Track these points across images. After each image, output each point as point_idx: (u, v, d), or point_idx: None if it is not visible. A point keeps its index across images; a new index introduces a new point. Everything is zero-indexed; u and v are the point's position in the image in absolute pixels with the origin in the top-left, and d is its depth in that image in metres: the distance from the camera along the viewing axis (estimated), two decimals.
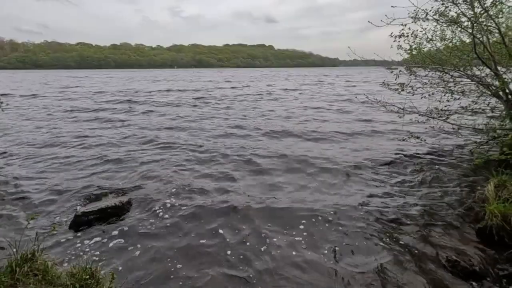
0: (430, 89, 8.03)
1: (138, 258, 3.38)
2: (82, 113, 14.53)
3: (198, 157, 7.15)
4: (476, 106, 7.87)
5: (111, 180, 5.70)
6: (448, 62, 7.46)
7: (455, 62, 7.49)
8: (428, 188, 5.35)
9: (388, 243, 3.71)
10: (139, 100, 19.28)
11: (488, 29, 6.84)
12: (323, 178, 5.86)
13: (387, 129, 10.43)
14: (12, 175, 5.94)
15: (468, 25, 6.79)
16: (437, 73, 7.85)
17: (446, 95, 7.94)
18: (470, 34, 6.82)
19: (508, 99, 6.92)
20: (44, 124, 11.62)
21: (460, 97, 7.92)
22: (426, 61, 7.85)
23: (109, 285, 2.44)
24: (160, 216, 4.35)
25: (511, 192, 4.38)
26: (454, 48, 7.78)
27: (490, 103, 7.88)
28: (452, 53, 7.73)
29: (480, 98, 7.91)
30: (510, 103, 6.93)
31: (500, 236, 3.63)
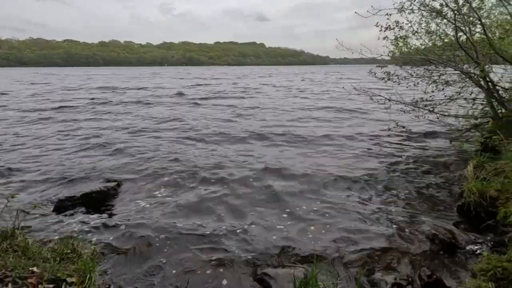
0: (416, 79, 8.20)
1: (121, 238, 3.36)
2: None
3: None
4: (460, 96, 8.09)
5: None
6: (432, 52, 7.65)
7: (439, 52, 7.69)
8: (413, 171, 5.50)
9: (374, 219, 3.84)
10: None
11: (470, 20, 7.03)
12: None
13: (374, 118, 10.69)
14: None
15: (451, 16, 6.98)
16: (423, 67, 8.05)
17: (431, 85, 8.16)
18: (453, 25, 7.01)
19: (488, 87, 7.13)
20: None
21: (445, 88, 8.13)
22: (411, 51, 8.01)
23: (90, 256, 2.43)
24: (145, 201, 4.33)
25: (489, 172, 4.54)
26: (438, 39, 7.97)
27: (473, 92, 8.12)
28: (435, 43, 7.93)
29: (463, 88, 8.16)
30: (491, 92, 7.14)
31: (477, 212, 3.76)
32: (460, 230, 3.52)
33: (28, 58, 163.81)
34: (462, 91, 8.10)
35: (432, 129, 8.67)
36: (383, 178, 5.21)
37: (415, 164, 5.96)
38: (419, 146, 7.29)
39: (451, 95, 8.10)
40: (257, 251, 3.17)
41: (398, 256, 3.08)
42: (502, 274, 2.39)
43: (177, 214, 3.95)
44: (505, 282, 2.32)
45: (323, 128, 9.55)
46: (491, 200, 3.75)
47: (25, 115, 11.95)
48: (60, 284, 2.15)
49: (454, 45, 7.48)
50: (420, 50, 8.12)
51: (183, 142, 7.73)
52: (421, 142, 7.69)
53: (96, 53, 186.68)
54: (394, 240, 3.38)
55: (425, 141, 7.78)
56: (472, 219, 3.72)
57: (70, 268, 2.32)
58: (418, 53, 7.89)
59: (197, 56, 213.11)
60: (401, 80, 7.98)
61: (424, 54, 7.80)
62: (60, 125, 9.96)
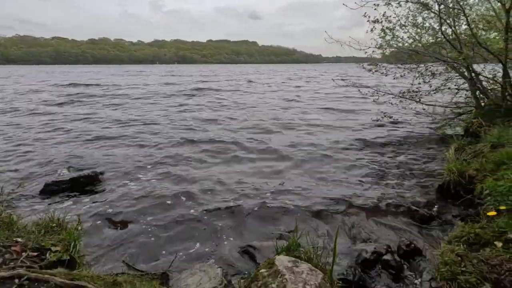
0: (403, 71, 8.38)
1: (107, 217, 3.39)
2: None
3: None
4: (446, 87, 8.31)
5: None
6: (419, 43, 7.83)
7: (425, 45, 7.88)
8: (398, 155, 5.70)
9: (358, 194, 4.01)
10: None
11: (455, 12, 7.21)
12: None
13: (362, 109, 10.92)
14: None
15: (437, 9, 7.16)
16: (411, 64, 8.24)
17: (418, 78, 8.35)
18: (438, 16, 7.19)
19: (472, 77, 7.34)
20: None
21: (431, 80, 8.32)
22: (399, 44, 8.16)
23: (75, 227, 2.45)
24: (132, 185, 4.36)
25: (469, 154, 4.71)
26: (424, 32, 8.16)
27: (457, 84, 8.36)
28: (422, 36, 8.12)
29: (448, 80, 8.40)
30: (474, 81, 7.36)
31: (456, 190, 3.90)
32: (439, 206, 3.66)
33: (15, 56, 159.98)
34: (447, 82, 8.34)
35: (418, 119, 8.90)
36: (368, 159, 5.42)
37: (400, 149, 6.17)
38: (405, 133, 7.55)
39: (436, 87, 8.32)
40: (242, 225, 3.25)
41: (379, 229, 3.18)
42: (475, 239, 2.51)
43: (162, 198, 4.01)
44: (477, 246, 2.44)
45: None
46: (470, 179, 3.90)
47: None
48: (44, 253, 2.17)
49: (439, 38, 7.69)
50: (408, 42, 8.28)
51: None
52: (407, 130, 7.94)
53: (85, 51, 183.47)
54: (376, 213, 3.51)
55: (411, 129, 8.03)
56: (452, 196, 3.85)
57: (55, 238, 2.35)
58: (405, 46, 8.06)
59: (190, 54, 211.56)
60: (388, 72, 8.16)
61: (411, 46, 7.98)
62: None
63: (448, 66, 7.71)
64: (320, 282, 1.81)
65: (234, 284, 2.18)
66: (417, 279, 2.43)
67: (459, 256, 2.28)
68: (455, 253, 2.32)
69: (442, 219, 3.36)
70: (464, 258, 2.24)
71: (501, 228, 2.47)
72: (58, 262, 2.12)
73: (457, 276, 2.10)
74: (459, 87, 8.13)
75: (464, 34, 7.55)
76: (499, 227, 2.49)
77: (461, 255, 2.28)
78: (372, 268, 2.53)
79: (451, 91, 8.23)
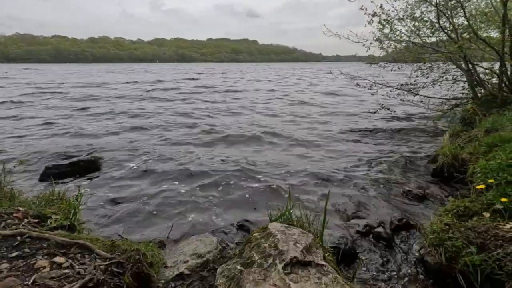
0: (401, 64, 8.45)
1: (106, 198, 3.47)
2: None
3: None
4: (444, 79, 8.38)
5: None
6: (416, 35, 7.89)
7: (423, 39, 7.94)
8: (396, 143, 5.85)
9: (356, 178, 4.09)
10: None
11: (452, 4, 7.27)
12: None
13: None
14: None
15: (434, 0, 7.20)
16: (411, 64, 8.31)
17: (416, 72, 8.42)
18: (436, 8, 7.23)
19: (468, 68, 7.41)
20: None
21: (429, 73, 8.39)
22: (396, 35, 8.20)
23: (75, 197, 2.51)
24: (130, 168, 4.44)
25: (463, 139, 4.79)
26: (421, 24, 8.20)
27: (455, 76, 8.43)
28: (419, 29, 8.17)
29: (445, 73, 8.46)
30: (471, 73, 7.42)
31: (450, 173, 3.97)
32: (433, 187, 3.72)
33: (15, 54, 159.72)
34: (444, 76, 8.40)
35: (416, 110, 8.98)
36: (365, 145, 5.59)
37: (397, 137, 6.33)
38: (403, 123, 7.67)
39: (434, 79, 8.38)
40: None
41: (373, 207, 3.25)
42: (464, 212, 2.57)
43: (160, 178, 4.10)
44: (465, 217, 2.51)
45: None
46: (463, 162, 3.97)
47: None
48: (45, 220, 2.24)
49: (437, 30, 7.75)
50: (406, 35, 8.33)
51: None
52: (405, 121, 8.06)
53: (85, 49, 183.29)
54: (370, 193, 3.58)
55: (408, 120, 8.16)
56: (446, 179, 3.92)
57: (55, 208, 2.42)
58: (403, 39, 8.11)
59: (189, 52, 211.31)
60: (385, 64, 8.23)
61: (409, 39, 8.03)
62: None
63: (445, 57, 7.75)
64: (311, 242, 1.87)
65: (228, 249, 2.25)
66: (407, 248, 2.50)
67: (447, 225, 2.35)
68: (444, 222, 2.39)
69: (435, 199, 3.43)
70: (452, 226, 2.31)
71: (489, 200, 2.54)
72: (59, 228, 2.18)
73: (444, 242, 2.17)
74: (456, 79, 8.20)
75: (462, 27, 7.62)
76: (487, 200, 2.55)
77: (449, 224, 2.35)
78: (363, 239, 2.60)
79: (448, 83, 8.30)
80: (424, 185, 3.76)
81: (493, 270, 1.89)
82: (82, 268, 1.63)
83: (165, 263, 2.11)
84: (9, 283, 1.43)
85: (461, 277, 1.98)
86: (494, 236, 2.12)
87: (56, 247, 1.78)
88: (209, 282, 1.84)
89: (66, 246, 1.80)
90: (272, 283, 1.56)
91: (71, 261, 1.68)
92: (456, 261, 2.04)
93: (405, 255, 2.40)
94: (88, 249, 1.80)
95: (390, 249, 2.50)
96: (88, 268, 1.64)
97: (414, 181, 3.92)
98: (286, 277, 1.58)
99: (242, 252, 1.94)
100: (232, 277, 1.72)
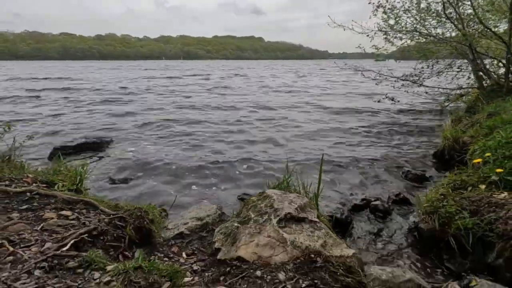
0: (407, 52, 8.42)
1: (110, 172, 3.59)
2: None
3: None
4: (449, 69, 8.32)
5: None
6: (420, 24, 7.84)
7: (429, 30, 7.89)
8: (399, 129, 6.00)
9: (357, 158, 4.20)
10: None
11: None
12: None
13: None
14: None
15: None
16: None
17: (422, 63, 8.36)
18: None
19: (474, 58, 7.33)
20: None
21: (434, 64, 8.33)
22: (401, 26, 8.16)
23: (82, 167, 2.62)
24: (134, 149, 4.58)
25: (465, 124, 4.78)
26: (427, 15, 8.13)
27: (461, 65, 8.35)
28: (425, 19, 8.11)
29: (450, 64, 8.39)
30: (476, 62, 7.35)
31: (450, 155, 3.98)
32: (433, 168, 3.75)
33: (24, 52, 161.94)
34: (449, 67, 8.34)
35: (420, 100, 8.97)
36: (373, 131, 5.74)
37: (401, 124, 6.46)
38: (407, 113, 7.74)
39: (439, 70, 8.32)
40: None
41: (372, 185, 3.31)
42: (460, 185, 2.60)
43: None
44: (461, 190, 2.54)
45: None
46: (463, 145, 3.98)
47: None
48: (53, 185, 2.35)
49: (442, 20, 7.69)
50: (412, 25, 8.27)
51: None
52: (409, 110, 8.10)
53: (92, 47, 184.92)
54: (370, 172, 3.63)
55: (413, 109, 8.19)
56: (446, 161, 3.94)
57: (62, 176, 2.52)
58: (408, 29, 8.06)
59: (195, 49, 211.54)
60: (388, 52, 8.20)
61: (415, 29, 7.98)
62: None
63: (451, 47, 7.69)
64: (305, 203, 1.94)
65: (227, 214, 2.33)
66: (402, 219, 2.54)
67: (443, 195, 2.39)
68: (439, 193, 2.43)
69: (434, 180, 3.45)
70: (447, 196, 2.35)
71: (485, 173, 2.56)
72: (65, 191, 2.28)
73: (438, 209, 2.21)
74: (461, 69, 8.13)
75: (469, 17, 7.54)
76: (484, 173, 2.58)
77: (444, 194, 2.39)
78: (360, 211, 2.65)
79: (453, 73, 8.23)
80: (424, 167, 3.79)
81: (485, 233, 1.93)
82: (87, 220, 1.73)
83: (166, 226, 2.20)
84: (20, 227, 1.53)
85: (453, 240, 2.02)
86: (487, 203, 2.15)
87: (63, 203, 1.88)
88: (208, 241, 1.92)
89: (72, 203, 1.89)
90: (266, 235, 1.63)
91: (77, 214, 1.78)
92: (449, 226, 2.09)
93: (400, 225, 2.46)
94: (93, 206, 1.90)
95: (386, 219, 2.56)
96: (93, 220, 1.73)
97: (415, 163, 3.96)
98: (280, 229, 1.65)
99: (239, 213, 2.01)
100: (229, 233, 1.79)
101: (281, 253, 1.50)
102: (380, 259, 2.06)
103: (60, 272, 1.27)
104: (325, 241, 1.59)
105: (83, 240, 1.52)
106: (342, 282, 1.33)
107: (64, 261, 1.33)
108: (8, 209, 1.73)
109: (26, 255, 1.33)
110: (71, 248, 1.42)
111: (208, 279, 1.42)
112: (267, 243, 1.56)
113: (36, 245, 1.43)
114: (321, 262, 1.42)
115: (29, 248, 1.40)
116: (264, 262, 1.47)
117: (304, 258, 1.46)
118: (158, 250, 1.83)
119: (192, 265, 1.61)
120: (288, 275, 1.34)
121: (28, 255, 1.33)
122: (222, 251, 1.64)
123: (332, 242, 1.62)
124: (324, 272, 1.35)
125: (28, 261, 1.29)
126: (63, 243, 1.43)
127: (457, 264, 1.98)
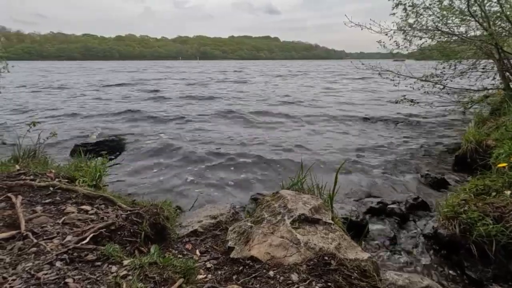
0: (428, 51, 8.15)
1: (126, 170, 3.70)
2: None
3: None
4: (473, 69, 7.97)
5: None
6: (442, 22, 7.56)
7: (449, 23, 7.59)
8: (420, 132, 5.87)
9: (378, 156, 4.23)
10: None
11: None
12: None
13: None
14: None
15: None
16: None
17: (443, 63, 8.06)
18: None
19: (500, 57, 7.00)
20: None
21: (457, 65, 8.01)
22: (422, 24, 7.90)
23: (101, 162, 2.71)
24: (149, 148, 4.70)
25: (490, 127, 4.56)
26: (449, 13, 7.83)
27: (486, 65, 7.99)
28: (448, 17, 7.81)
29: (474, 65, 8.04)
30: (502, 61, 7.01)
31: (472, 159, 3.81)
32: (453, 172, 3.61)
33: (48, 52, 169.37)
34: (473, 67, 7.99)
35: (442, 102, 8.65)
36: (391, 133, 5.72)
37: (420, 126, 6.24)
38: (427, 114, 7.47)
39: (462, 70, 7.99)
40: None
41: (390, 188, 3.22)
42: (483, 190, 2.49)
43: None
44: (484, 195, 2.43)
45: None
46: (487, 148, 3.80)
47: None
48: (73, 181, 2.44)
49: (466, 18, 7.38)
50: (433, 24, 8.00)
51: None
52: (430, 112, 7.85)
53: (112, 47, 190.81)
54: (388, 175, 3.54)
55: (434, 111, 7.92)
56: (468, 165, 3.77)
57: (83, 172, 2.61)
58: (430, 28, 7.80)
59: (211, 50, 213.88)
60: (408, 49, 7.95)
61: (436, 27, 7.70)
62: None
63: (475, 46, 7.37)
64: (319, 204, 1.92)
65: (240, 213, 2.34)
66: (421, 224, 2.46)
67: (464, 200, 2.29)
68: (460, 198, 2.33)
69: (454, 184, 3.33)
70: (469, 201, 2.25)
71: (511, 178, 2.44)
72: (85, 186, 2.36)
73: (459, 215, 2.12)
74: (486, 69, 7.78)
75: (495, 15, 7.20)
76: (509, 178, 2.45)
77: (466, 199, 2.29)
78: (376, 214, 2.59)
79: (477, 74, 7.88)
80: (445, 171, 3.65)
81: (510, 241, 1.83)
82: (106, 216, 1.79)
83: (181, 223, 2.24)
84: (43, 220, 1.60)
85: (474, 247, 1.94)
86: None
87: (83, 198, 1.95)
88: (221, 239, 1.94)
89: (91, 198, 1.96)
90: (280, 235, 1.62)
91: (96, 209, 1.84)
92: (471, 233, 2.00)
93: (418, 230, 2.38)
94: (111, 201, 1.96)
95: (403, 224, 2.49)
96: (111, 215, 1.79)
97: (436, 167, 3.83)
98: (293, 230, 1.63)
99: (253, 213, 2.02)
100: (242, 232, 1.80)
101: (294, 254, 1.49)
102: (396, 264, 2.00)
103: (79, 264, 1.31)
104: (339, 244, 1.57)
105: (102, 234, 1.57)
106: (357, 286, 1.31)
107: (83, 254, 1.38)
108: (33, 203, 1.81)
109: (48, 247, 1.39)
110: (90, 242, 1.47)
111: (221, 278, 1.43)
112: (280, 243, 1.55)
113: (57, 237, 1.49)
114: (335, 265, 1.40)
115: (51, 240, 1.46)
116: (277, 262, 1.46)
117: (318, 260, 1.44)
118: (173, 246, 1.86)
119: (206, 262, 1.63)
120: (301, 277, 1.33)
121: (50, 247, 1.39)
122: (235, 250, 1.65)
123: (347, 245, 1.59)
124: (338, 275, 1.33)
125: (50, 252, 1.35)
126: (83, 237, 1.49)
127: (479, 272, 1.89)
